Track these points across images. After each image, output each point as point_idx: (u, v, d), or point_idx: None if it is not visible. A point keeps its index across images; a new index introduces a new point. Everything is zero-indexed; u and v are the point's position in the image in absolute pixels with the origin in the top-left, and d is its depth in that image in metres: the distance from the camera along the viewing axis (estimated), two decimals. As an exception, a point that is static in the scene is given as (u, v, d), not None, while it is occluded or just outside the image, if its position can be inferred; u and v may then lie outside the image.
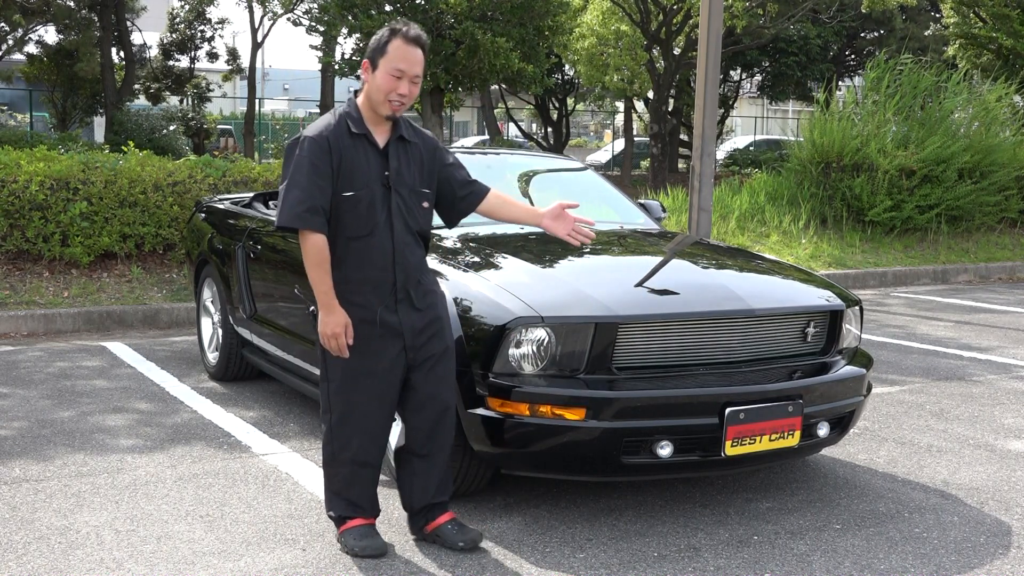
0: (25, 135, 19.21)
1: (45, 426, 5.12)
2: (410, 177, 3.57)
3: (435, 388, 3.60)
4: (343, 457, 3.58)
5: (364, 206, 3.47)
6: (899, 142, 12.62)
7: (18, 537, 3.71)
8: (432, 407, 3.61)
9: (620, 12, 21.59)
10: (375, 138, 3.53)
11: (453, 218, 3.82)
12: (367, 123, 3.53)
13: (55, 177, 8.07)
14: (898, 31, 28.05)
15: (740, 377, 3.93)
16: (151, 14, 26.01)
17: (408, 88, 3.47)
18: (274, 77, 62.21)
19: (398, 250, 3.50)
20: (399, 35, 3.47)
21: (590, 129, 58.83)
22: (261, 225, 5.72)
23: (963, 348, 7.64)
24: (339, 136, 3.48)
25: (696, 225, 9.06)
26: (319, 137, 3.47)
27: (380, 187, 3.49)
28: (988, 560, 3.70)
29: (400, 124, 3.59)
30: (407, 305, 3.54)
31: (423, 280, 3.60)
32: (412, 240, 3.56)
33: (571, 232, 3.72)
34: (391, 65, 3.44)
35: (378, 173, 3.50)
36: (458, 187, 3.74)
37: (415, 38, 3.49)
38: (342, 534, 3.62)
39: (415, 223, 3.57)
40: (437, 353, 3.59)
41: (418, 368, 3.58)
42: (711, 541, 3.81)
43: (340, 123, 3.51)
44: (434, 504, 3.68)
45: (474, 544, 3.62)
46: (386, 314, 3.51)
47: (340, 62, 18.82)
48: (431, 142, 3.70)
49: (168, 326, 7.97)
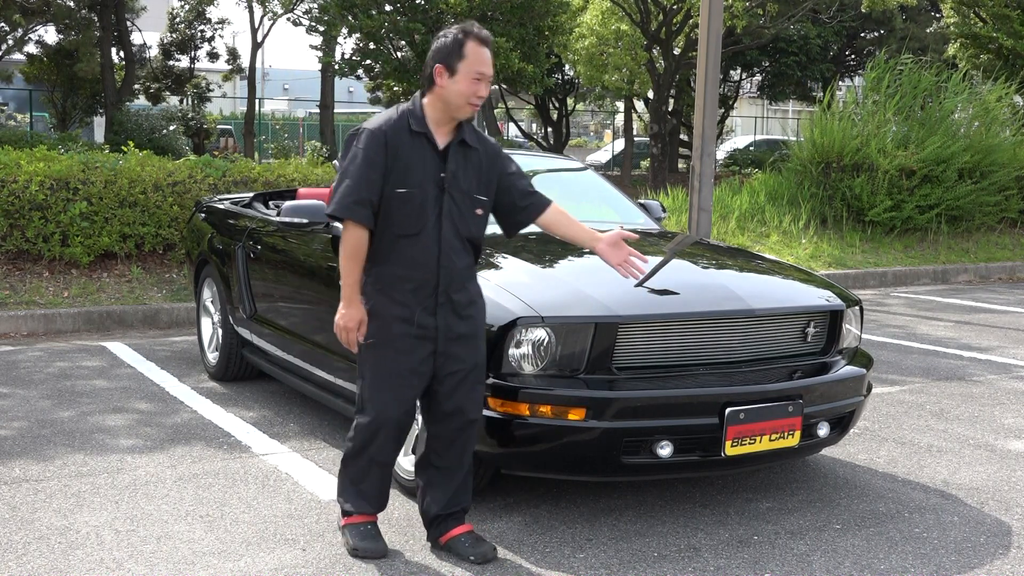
0: (25, 135, 19.20)
1: (45, 426, 5.12)
2: (466, 182, 3.52)
3: (461, 402, 3.55)
4: (363, 456, 3.57)
5: (415, 205, 3.44)
6: (899, 142, 12.62)
7: (18, 537, 3.71)
8: (455, 420, 3.57)
9: (620, 12, 21.59)
10: (435, 139, 3.50)
11: (511, 228, 3.76)
12: (429, 123, 3.50)
13: (55, 177, 8.07)
14: (898, 31, 28.05)
15: (740, 377, 3.94)
16: (151, 14, 26.02)
17: (486, 89, 3.49)
18: (274, 77, 62.21)
19: (444, 252, 3.46)
20: (473, 37, 3.46)
21: (590, 129, 58.83)
22: (261, 225, 5.72)
23: (963, 348, 7.64)
24: (398, 132, 3.46)
25: (696, 225, 9.06)
26: (377, 131, 3.45)
27: (434, 188, 3.46)
28: (988, 560, 3.70)
29: (464, 128, 3.56)
30: (447, 310, 3.49)
31: (468, 288, 3.55)
32: (460, 245, 3.50)
33: (623, 263, 3.66)
34: (473, 68, 3.43)
35: (434, 173, 3.46)
36: (519, 197, 3.68)
37: (486, 39, 3.49)
38: (345, 527, 3.63)
39: (466, 228, 3.52)
40: (467, 367, 3.54)
41: (445, 379, 3.52)
42: (711, 541, 3.81)
43: (401, 119, 3.49)
44: (449, 515, 3.64)
45: (485, 559, 3.56)
46: (424, 316, 3.47)
47: (340, 62, 18.83)
48: (493, 149, 3.65)
49: (168, 326, 7.97)
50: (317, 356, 4.89)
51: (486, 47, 3.48)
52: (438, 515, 3.64)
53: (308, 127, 34.19)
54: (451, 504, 3.64)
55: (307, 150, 23.80)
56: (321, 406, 5.47)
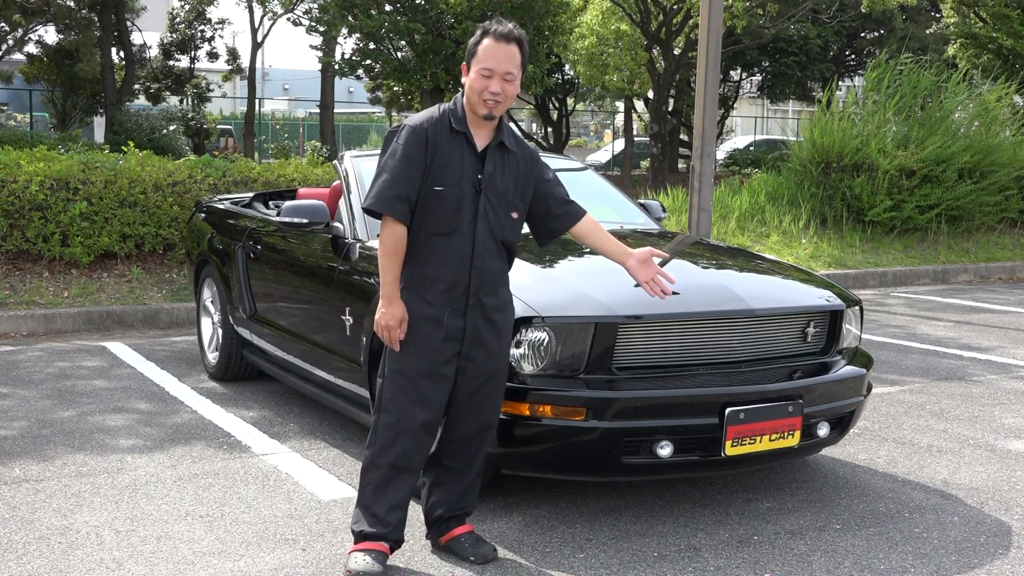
0: (25, 135, 19.21)
1: (45, 426, 5.12)
2: (503, 184, 3.49)
3: (481, 406, 3.52)
4: (382, 461, 3.45)
5: (451, 204, 3.40)
6: (899, 142, 12.62)
7: (18, 537, 3.71)
8: (473, 424, 3.54)
9: (620, 12, 21.59)
10: (475, 139, 3.47)
11: (546, 236, 3.73)
12: (469, 123, 3.47)
13: (55, 177, 8.07)
14: (898, 31, 28.04)
15: (740, 377, 3.94)
16: (151, 14, 26.01)
17: (500, 86, 3.41)
18: (274, 77, 62.19)
19: (477, 254, 3.42)
20: (489, 34, 3.43)
21: (590, 129, 58.81)
22: (261, 225, 5.72)
23: (963, 348, 7.64)
24: (439, 130, 3.44)
25: (696, 225, 9.06)
26: (418, 127, 3.43)
27: (471, 188, 3.43)
28: (988, 560, 3.70)
29: (503, 130, 3.53)
30: (477, 312, 3.45)
31: (500, 292, 3.51)
32: (494, 247, 3.47)
33: (650, 281, 3.64)
34: (480, 65, 3.41)
35: (471, 174, 3.44)
36: (555, 205, 3.66)
37: (505, 35, 3.42)
38: (352, 554, 3.45)
39: (500, 231, 3.48)
40: (490, 372, 3.49)
41: (467, 382, 3.48)
42: (711, 541, 3.81)
43: (443, 118, 3.47)
44: (452, 516, 3.62)
45: (485, 559, 3.54)
46: (453, 318, 3.43)
47: (340, 62, 18.82)
48: (531, 154, 3.62)
49: (168, 326, 7.97)
50: (317, 356, 4.89)
51: (503, 42, 3.41)
52: (441, 516, 3.62)
53: (308, 127, 34.17)
54: (456, 507, 3.62)
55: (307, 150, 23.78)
56: (321, 406, 5.47)
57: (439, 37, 16.54)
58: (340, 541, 3.72)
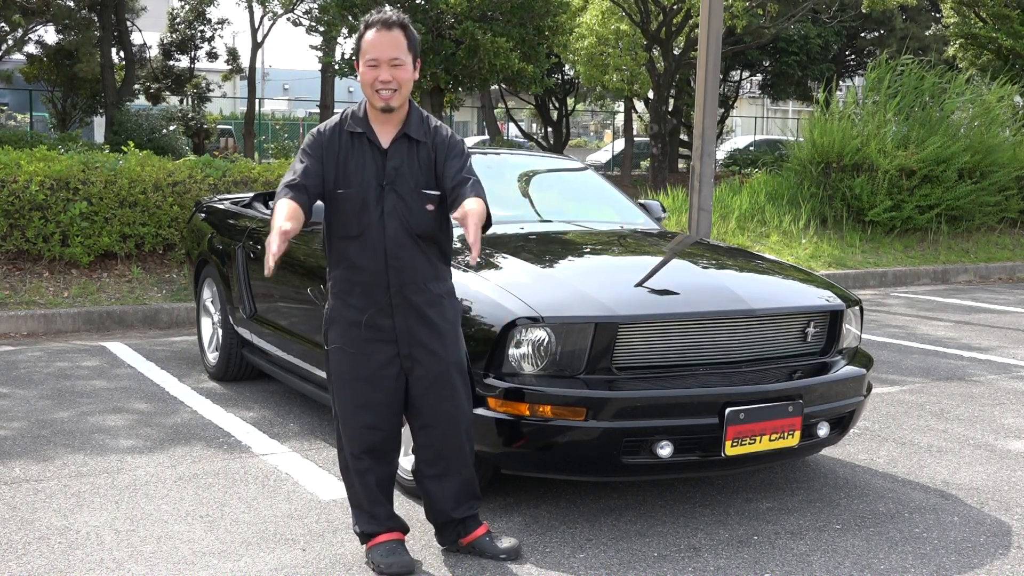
0: (25, 135, 19.21)
1: (45, 426, 5.12)
2: (413, 177, 3.43)
3: (436, 406, 3.47)
4: (348, 462, 3.53)
5: (355, 205, 3.40)
6: (899, 142, 12.62)
7: (18, 537, 3.71)
8: (435, 425, 3.49)
9: (620, 12, 21.58)
10: (378, 136, 3.45)
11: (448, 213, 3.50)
12: (372, 122, 3.47)
13: (55, 177, 8.07)
14: (898, 31, 28.04)
15: (740, 377, 3.93)
16: (151, 14, 26.01)
17: (389, 73, 3.37)
18: (274, 77, 62.19)
19: (391, 252, 3.39)
20: (370, 25, 3.41)
21: (590, 129, 58.83)
22: (261, 225, 5.72)
23: (963, 348, 7.64)
24: (337, 132, 3.47)
25: (696, 225, 9.06)
26: (317, 132, 3.51)
27: (375, 186, 3.41)
28: (988, 560, 3.70)
29: (410, 121, 3.47)
30: (406, 310, 3.42)
31: (430, 288, 3.45)
32: (410, 243, 3.41)
33: None
34: (366, 57, 3.40)
35: (374, 172, 3.42)
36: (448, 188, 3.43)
37: (384, 21, 3.38)
38: (369, 551, 3.51)
39: (417, 225, 3.41)
40: (435, 370, 3.44)
41: (415, 384, 3.46)
42: (711, 541, 3.80)
43: (342, 120, 3.50)
44: (463, 519, 3.58)
45: (517, 554, 3.55)
46: (379, 318, 3.41)
47: (340, 62, 18.81)
48: (442, 139, 3.48)
49: (168, 326, 7.97)
50: (317, 356, 4.88)
51: (382, 30, 3.37)
52: (449, 521, 3.59)
53: (308, 127, 34.18)
54: (457, 509, 3.57)
55: (307, 150, 23.72)
56: (321, 406, 5.47)
57: (439, 37, 16.54)
58: (340, 541, 3.72)
